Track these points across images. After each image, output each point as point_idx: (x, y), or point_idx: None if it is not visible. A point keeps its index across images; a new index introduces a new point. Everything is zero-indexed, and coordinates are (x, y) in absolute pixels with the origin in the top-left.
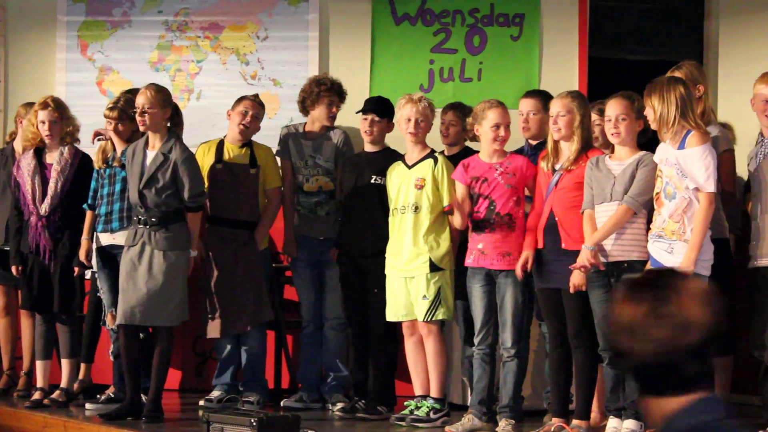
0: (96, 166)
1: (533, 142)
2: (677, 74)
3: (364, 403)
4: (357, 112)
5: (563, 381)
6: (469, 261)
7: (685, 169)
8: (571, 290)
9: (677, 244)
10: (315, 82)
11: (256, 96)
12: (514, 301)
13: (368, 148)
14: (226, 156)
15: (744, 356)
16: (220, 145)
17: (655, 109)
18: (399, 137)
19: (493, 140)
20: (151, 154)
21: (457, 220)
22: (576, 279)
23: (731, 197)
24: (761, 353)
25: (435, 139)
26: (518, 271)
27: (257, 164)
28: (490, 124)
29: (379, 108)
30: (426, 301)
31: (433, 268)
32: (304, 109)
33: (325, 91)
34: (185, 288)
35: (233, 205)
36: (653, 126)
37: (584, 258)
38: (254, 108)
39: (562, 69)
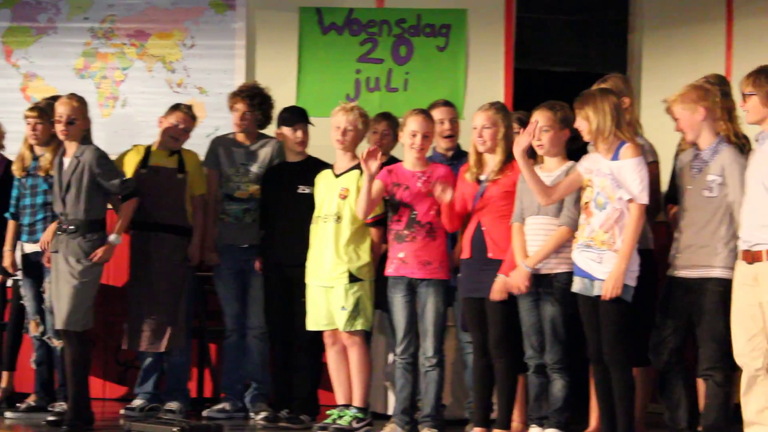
0: (16, 174)
1: (448, 153)
2: (604, 86)
3: (287, 412)
4: (285, 125)
5: (486, 390)
6: (389, 270)
7: (620, 179)
8: (492, 297)
9: (607, 254)
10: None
11: (190, 108)
12: (435, 310)
13: (293, 158)
14: (152, 161)
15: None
16: (148, 150)
17: (590, 119)
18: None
19: (409, 147)
20: (67, 161)
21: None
22: (498, 287)
23: (656, 207)
24: (656, 360)
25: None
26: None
27: (185, 170)
28: (408, 131)
29: (305, 117)
30: (345, 311)
31: (352, 278)
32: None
33: (236, 97)
34: (93, 296)
35: (158, 209)
36: (587, 138)
37: (520, 280)
38: (186, 121)
39: (488, 80)
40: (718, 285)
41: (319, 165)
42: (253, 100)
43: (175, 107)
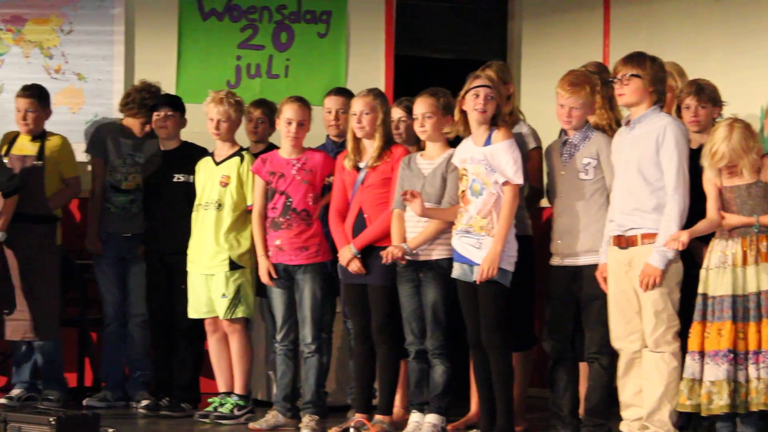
0: None
1: (338, 140)
2: (489, 73)
3: (167, 400)
4: (150, 109)
5: (367, 376)
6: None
7: (494, 163)
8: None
9: (486, 239)
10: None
11: (33, 91)
12: (312, 296)
13: (167, 145)
14: (15, 149)
15: (541, 351)
16: (14, 138)
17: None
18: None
19: (285, 135)
20: None
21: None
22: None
23: (539, 194)
24: (551, 346)
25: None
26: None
27: (43, 156)
28: (283, 119)
29: (172, 102)
30: (225, 299)
31: (233, 266)
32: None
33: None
34: None
35: (20, 199)
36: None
37: (397, 250)
38: (29, 105)
39: (369, 66)
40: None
41: (193, 150)
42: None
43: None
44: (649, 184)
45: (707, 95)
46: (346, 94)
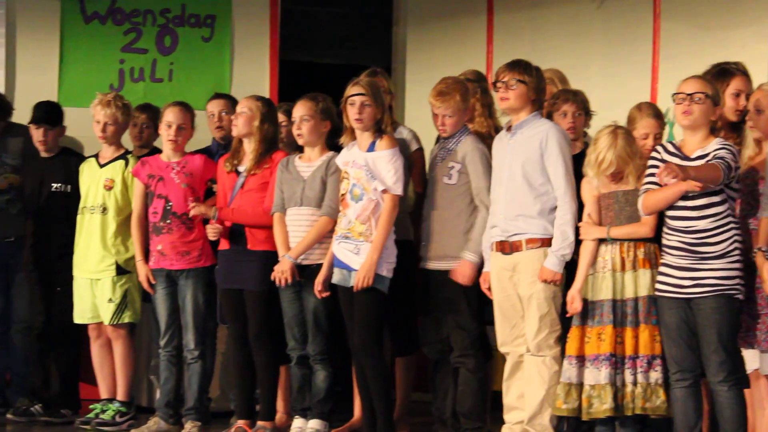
0: None
1: (223, 141)
2: (367, 79)
3: (41, 407)
4: (32, 122)
5: (247, 382)
6: (150, 263)
7: (375, 171)
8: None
9: (364, 245)
10: None
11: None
12: (194, 302)
13: (44, 154)
14: None
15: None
16: None
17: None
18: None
19: (165, 138)
20: None
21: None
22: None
23: (422, 197)
24: (429, 350)
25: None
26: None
27: None
28: (164, 122)
29: (51, 116)
30: (112, 304)
31: (120, 271)
32: None
33: None
34: None
35: None
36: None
37: (286, 268)
38: None
39: (254, 71)
40: None
41: (72, 157)
42: None
43: None
44: (534, 189)
45: (582, 104)
46: (228, 97)
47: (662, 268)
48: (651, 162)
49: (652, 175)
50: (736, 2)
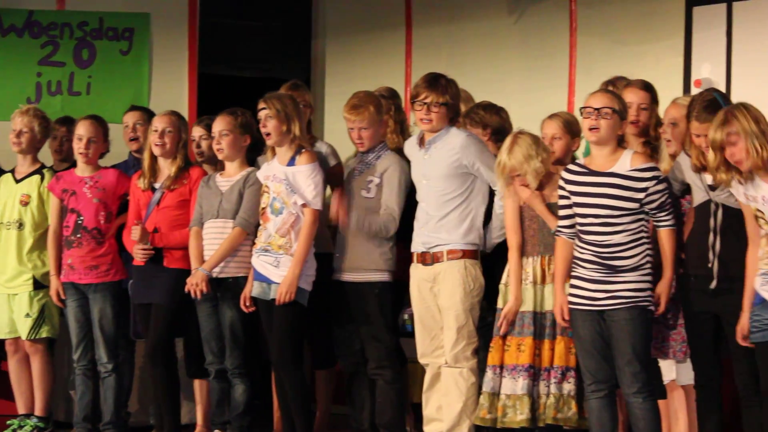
0: None
1: (139, 155)
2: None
3: None
4: None
5: (161, 396)
6: (61, 276)
7: (294, 185)
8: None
9: (284, 258)
10: None
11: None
12: (103, 315)
13: None
14: None
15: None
16: None
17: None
18: None
19: (76, 152)
20: None
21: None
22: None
23: None
24: (345, 363)
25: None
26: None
27: None
28: (76, 136)
29: None
30: (29, 319)
31: (37, 285)
32: None
33: None
34: None
35: None
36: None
37: (199, 280)
38: None
39: (172, 84)
40: (374, 287)
41: None
42: None
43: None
44: (452, 200)
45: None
46: (143, 109)
47: (574, 281)
48: (560, 183)
49: (565, 197)
50: (650, 17)
